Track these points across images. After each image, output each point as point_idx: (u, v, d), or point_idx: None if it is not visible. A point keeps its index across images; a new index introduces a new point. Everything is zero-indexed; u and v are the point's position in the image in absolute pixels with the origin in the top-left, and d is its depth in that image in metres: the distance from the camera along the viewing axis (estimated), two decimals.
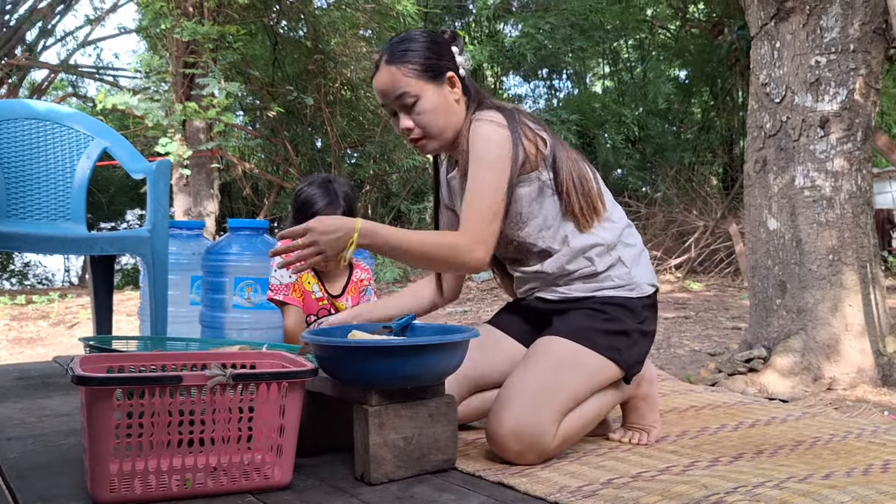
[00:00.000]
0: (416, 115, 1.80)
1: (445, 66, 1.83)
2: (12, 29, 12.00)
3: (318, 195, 2.33)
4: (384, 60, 1.82)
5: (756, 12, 3.71)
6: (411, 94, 1.78)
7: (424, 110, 1.79)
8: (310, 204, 2.32)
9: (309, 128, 12.63)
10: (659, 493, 1.39)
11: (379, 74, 1.83)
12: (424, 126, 1.81)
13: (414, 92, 1.78)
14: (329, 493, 1.44)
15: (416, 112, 1.80)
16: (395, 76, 1.79)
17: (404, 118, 1.82)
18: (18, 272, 17.62)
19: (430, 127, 1.81)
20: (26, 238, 2.57)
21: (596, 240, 1.83)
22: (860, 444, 1.85)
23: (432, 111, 1.80)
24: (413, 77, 1.78)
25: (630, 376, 1.81)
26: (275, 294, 2.34)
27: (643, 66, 15.46)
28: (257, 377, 1.41)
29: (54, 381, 2.73)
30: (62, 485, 1.48)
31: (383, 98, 1.83)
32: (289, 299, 2.33)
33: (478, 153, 1.75)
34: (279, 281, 2.35)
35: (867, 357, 3.38)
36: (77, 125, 3.12)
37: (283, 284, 2.34)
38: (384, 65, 1.81)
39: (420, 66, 1.79)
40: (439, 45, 1.85)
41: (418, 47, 1.81)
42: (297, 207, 2.36)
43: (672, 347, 4.99)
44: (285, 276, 2.34)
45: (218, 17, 9.70)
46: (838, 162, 3.46)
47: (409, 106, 1.80)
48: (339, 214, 2.31)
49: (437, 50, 1.83)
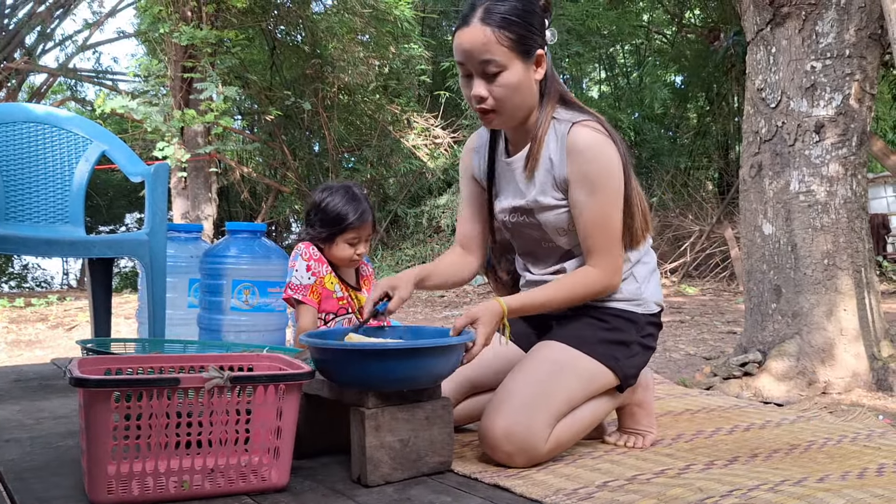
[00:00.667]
0: (496, 87, 1.67)
1: (538, 41, 1.69)
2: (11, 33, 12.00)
3: (348, 205, 2.37)
4: (478, 17, 1.64)
5: (752, 18, 3.72)
6: (498, 64, 1.64)
7: (506, 84, 1.67)
8: (342, 218, 2.35)
9: (307, 132, 12.64)
10: (654, 497, 1.40)
11: (468, 30, 1.65)
12: (500, 99, 1.68)
13: (502, 62, 1.64)
14: (326, 496, 1.45)
15: (497, 83, 1.67)
16: (487, 39, 1.63)
17: (480, 85, 1.68)
18: (17, 275, 17.62)
19: (506, 103, 1.69)
20: (25, 241, 2.58)
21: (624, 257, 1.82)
22: (855, 447, 1.86)
23: (514, 87, 1.67)
24: (506, 46, 1.63)
25: (625, 386, 1.82)
26: (294, 293, 2.35)
27: (639, 71, 15.51)
28: (254, 379, 1.41)
29: (52, 383, 2.74)
30: (60, 486, 1.48)
31: (463, 56, 1.67)
32: (306, 300, 2.35)
33: (594, 176, 1.69)
34: (300, 281, 2.36)
35: (862, 361, 3.40)
36: (75, 128, 3.13)
37: (302, 285, 2.36)
38: (478, 22, 1.64)
39: (516, 36, 1.64)
40: (536, 16, 1.69)
41: (519, 13, 1.65)
42: (327, 221, 2.37)
43: (667, 351, 5.00)
44: (305, 277, 2.36)
45: (216, 21, 9.73)
46: (833, 167, 3.47)
47: (490, 74, 1.66)
48: (369, 222, 2.36)
49: (533, 21, 1.68)
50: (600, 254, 1.73)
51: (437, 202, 11.54)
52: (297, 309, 2.36)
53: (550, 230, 1.81)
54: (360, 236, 2.37)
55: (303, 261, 2.37)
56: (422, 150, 11.42)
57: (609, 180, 1.70)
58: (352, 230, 2.35)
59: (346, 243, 2.37)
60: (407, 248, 11.39)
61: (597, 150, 1.69)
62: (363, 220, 2.36)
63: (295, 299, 2.35)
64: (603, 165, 1.69)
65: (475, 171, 1.98)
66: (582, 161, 1.69)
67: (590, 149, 1.69)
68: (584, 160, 1.69)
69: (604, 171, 1.70)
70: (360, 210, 2.36)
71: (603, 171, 1.70)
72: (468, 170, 2.00)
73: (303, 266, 2.37)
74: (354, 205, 2.37)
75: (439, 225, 11.43)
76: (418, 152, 11.40)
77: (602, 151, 1.69)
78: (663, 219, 11.26)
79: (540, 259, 1.91)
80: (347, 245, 2.37)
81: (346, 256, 2.38)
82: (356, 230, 2.35)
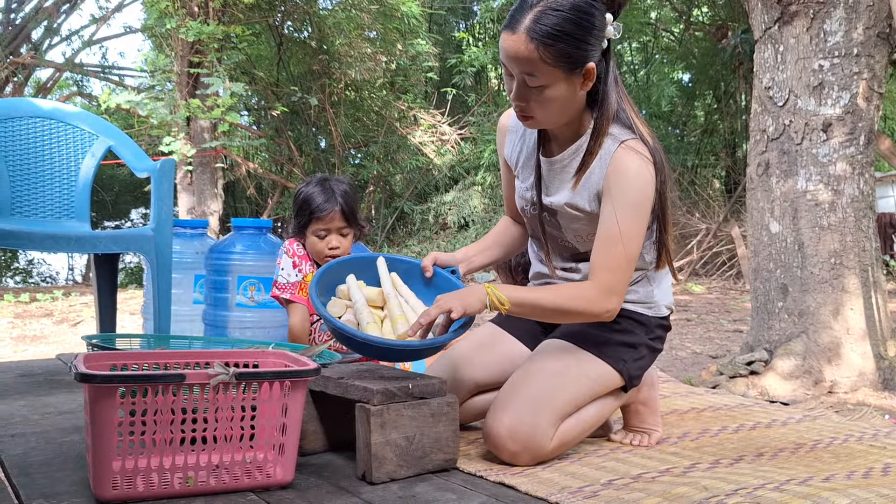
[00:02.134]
0: (536, 99, 1.61)
1: (589, 53, 1.59)
2: (18, 27, 12.03)
3: (315, 192, 2.32)
4: (525, 27, 1.54)
5: (760, 16, 3.71)
6: (540, 80, 1.58)
7: (548, 99, 1.61)
8: (308, 202, 2.31)
9: (313, 128, 12.65)
10: (660, 495, 1.40)
11: (513, 38, 1.56)
12: (540, 111, 1.64)
13: (544, 80, 1.58)
14: (331, 493, 1.45)
15: (538, 97, 1.61)
16: (530, 54, 1.54)
17: (519, 93, 1.62)
18: (23, 270, 17.68)
19: (546, 115, 1.65)
20: (30, 236, 2.58)
21: (642, 264, 1.81)
22: (861, 447, 1.85)
23: (555, 102, 1.62)
24: (550, 64, 1.55)
25: (630, 387, 1.81)
26: (281, 292, 2.33)
27: (647, 69, 15.47)
28: (260, 376, 1.41)
29: (57, 378, 2.74)
30: (65, 481, 1.48)
31: (505, 60, 1.60)
32: (295, 298, 2.32)
33: (627, 193, 1.63)
34: (286, 280, 2.34)
35: (868, 361, 3.38)
36: (81, 124, 3.14)
37: (289, 283, 2.34)
38: (523, 32, 1.54)
39: (563, 53, 1.55)
40: (591, 27, 1.57)
41: (570, 27, 1.53)
42: (296, 207, 2.36)
43: (673, 349, 4.99)
44: (293, 275, 2.34)
45: (223, 17, 9.73)
46: (841, 166, 3.46)
47: (531, 87, 1.60)
48: (336, 211, 2.29)
49: (586, 34, 1.57)
50: (600, 272, 1.66)
51: (443, 199, 11.54)
52: (287, 308, 2.33)
53: (569, 233, 1.81)
54: (329, 228, 2.30)
55: (288, 258, 2.35)
56: (428, 147, 11.42)
57: (643, 206, 1.65)
58: (318, 220, 2.29)
59: (315, 235, 2.31)
60: (413, 244, 11.40)
61: (637, 173, 1.64)
62: (326, 209, 2.28)
63: (283, 298, 2.33)
64: (642, 190, 1.64)
65: (507, 153, 1.93)
66: (624, 181, 1.64)
67: (635, 172, 1.64)
68: (625, 179, 1.64)
69: (642, 196, 1.65)
70: (326, 198, 2.29)
71: (641, 196, 1.64)
72: (501, 150, 1.96)
73: (289, 263, 2.35)
74: (323, 193, 2.30)
75: (445, 222, 11.43)
76: (425, 149, 11.40)
77: (642, 175, 1.64)
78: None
79: (552, 251, 1.89)
80: (317, 238, 2.31)
81: (318, 251, 2.32)
82: (322, 221, 2.29)
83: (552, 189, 1.81)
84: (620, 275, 1.66)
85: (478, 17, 13.92)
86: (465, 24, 14.62)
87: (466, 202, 11.17)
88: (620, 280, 1.67)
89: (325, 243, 2.30)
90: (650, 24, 14.74)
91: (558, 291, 1.70)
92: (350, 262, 1.86)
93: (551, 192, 1.81)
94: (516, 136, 1.90)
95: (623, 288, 1.68)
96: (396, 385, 1.54)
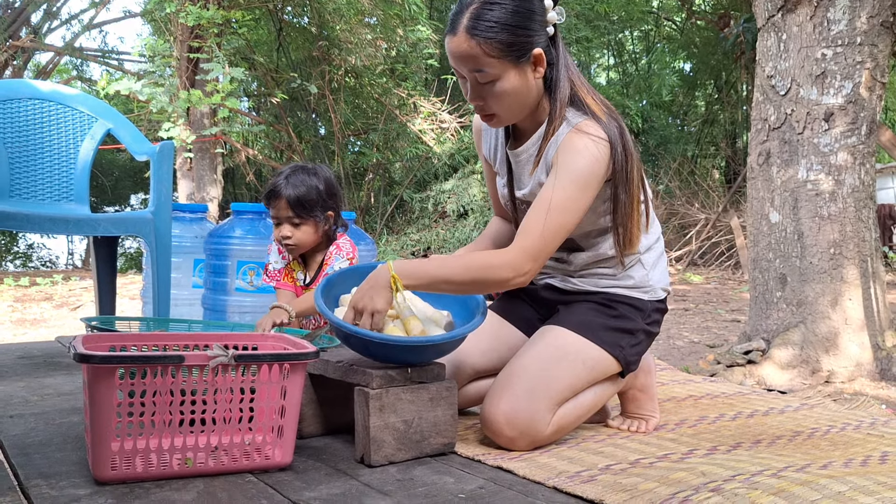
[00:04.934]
0: (491, 95, 1.63)
1: (533, 39, 1.61)
2: (17, 10, 11.98)
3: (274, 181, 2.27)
4: (463, 27, 1.57)
5: (763, 4, 3.69)
6: (490, 75, 1.60)
7: (501, 92, 1.62)
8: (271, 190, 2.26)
9: (313, 114, 12.63)
10: (657, 480, 1.40)
11: (455, 39, 1.59)
12: (498, 106, 1.65)
13: (494, 73, 1.59)
14: (329, 475, 1.45)
15: (491, 92, 1.63)
16: (473, 51, 1.57)
17: (474, 92, 1.64)
18: (22, 254, 17.69)
19: (503, 108, 1.66)
20: (29, 218, 2.58)
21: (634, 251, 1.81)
22: (858, 435, 1.85)
23: (510, 94, 1.63)
24: (496, 57, 1.57)
25: (626, 373, 1.82)
26: (270, 279, 2.36)
27: (648, 57, 15.44)
28: (259, 358, 1.41)
29: (57, 360, 2.74)
30: (64, 462, 1.49)
31: (454, 63, 1.63)
32: (282, 285, 2.35)
33: (570, 167, 1.61)
34: (273, 266, 2.37)
35: (866, 351, 3.39)
36: (81, 106, 3.13)
37: (276, 270, 2.37)
38: (463, 32, 1.57)
39: (507, 44, 1.57)
40: (529, 10, 1.60)
41: (509, 17, 1.56)
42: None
43: (671, 339, 4.99)
44: (279, 262, 2.36)
45: (223, 1, 9.69)
46: (842, 156, 3.46)
47: (483, 84, 1.62)
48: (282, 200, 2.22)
49: (528, 21, 1.59)
50: (531, 236, 1.60)
51: (442, 187, 11.53)
52: (276, 294, 2.36)
53: None
54: (278, 216, 2.24)
55: (275, 245, 2.36)
56: (428, 135, 11.39)
57: (586, 183, 1.61)
58: (271, 207, 2.25)
59: (273, 223, 2.28)
60: (412, 232, 11.39)
61: (583, 151, 1.62)
62: (270, 198, 2.24)
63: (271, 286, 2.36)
64: (584, 165, 1.61)
65: (486, 153, 1.96)
66: (567, 157, 1.63)
67: (576, 148, 1.62)
68: (570, 156, 1.62)
69: (582, 170, 1.61)
70: (276, 182, 2.24)
71: (582, 171, 1.61)
72: (480, 150, 1.99)
73: (275, 250, 2.38)
74: (278, 182, 2.24)
75: (445, 210, 11.42)
76: (424, 137, 11.38)
77: (588, 151, 1.61)
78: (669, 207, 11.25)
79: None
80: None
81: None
82: (273, 207, 2.25)
83: (523, 182, 1.82)
84: (545, 243, 1.60)
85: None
86: None
87: (466, 191, 11.17)
88: (544, 248, 1.60)
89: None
90: (652, 13, 14.69)
91: (471, 263, 1.62)
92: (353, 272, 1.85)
93: (522, 185, 1.83)
94: (490, 134, 1.92)
95: (545, 256, 1.62)
96: (395, 369, 1.54)
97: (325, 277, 1.80)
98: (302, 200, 2.21)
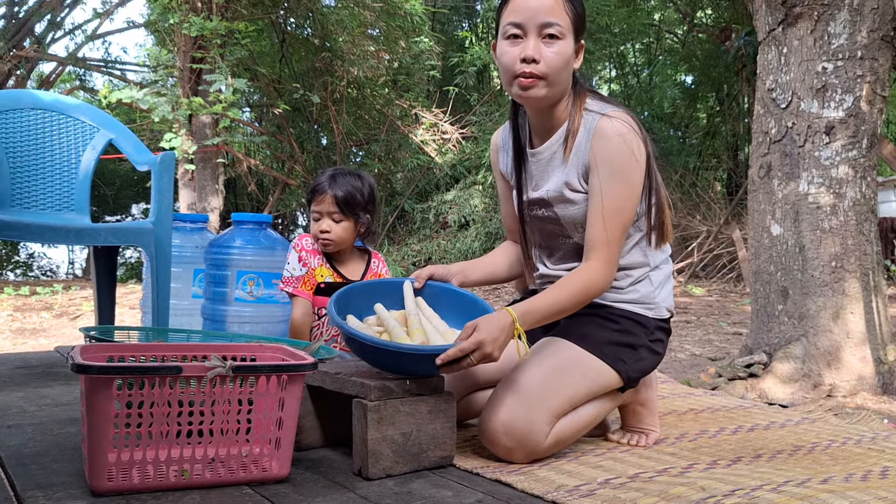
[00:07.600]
0: (551, 52, 1.65)
1: (584, 29, 1.74)
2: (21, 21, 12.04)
3: (321, 177, 2.41)
4: None
5: (764, 17, 3.70)
6: (560, 30, 1.65)
7: (560, 52, 1.66)
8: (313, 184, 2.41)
9: (315, 125, 12.65)
10: (657, 494, 1.39)
11: None
12: (551, 66, 1.66)
13: (562, 31, 1.65)
14: (326, 487, 1.44)
15: (553, 49, 1.65)
16: (557, 4, 1.65)
17: (536, 46, 1.65)
18: (23, 263, 17.70)
19: (554, 71, 1.67)
20: (30, 227, 2.58)
21: (644, 260, 1.82)
22: (859, 450, 1.85)
23: (564, 59, 1.67)
24: (570, 18, 1.67)
25: (627, 388, 1.81)
26: (286, 286, 2.37)
27: (649, 70, 15.47)
28: (257, 369, 1.41)
29: (55, 370, 2.74)
30: (61, 473, 1.48)
31: (525, 15, 1.66)
32: (298, 292, 2.36)
33: (612, 162, 1.67)
34: (291, 273, 2.37)
35: (868, 365, 3.38)
36: (83, 116, 3.13)
37: (293, 277, 2.37)
38: None
39: (579, 16, 1.69)
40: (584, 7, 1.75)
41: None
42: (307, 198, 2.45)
43: (672, 351, 4.98)
44: (297, 269, 2.37)
45: (226, 13, 9.73)
46: (843, 169, 3.45)
47: (548, 36, 1.65)
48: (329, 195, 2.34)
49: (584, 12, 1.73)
50: (603, 246, 1.69)
51: (444, 198, 11.53)
52: (291, 301, 2.38)
53: (567, 224, 1.80)
54: (321, 211, 2.37)
55: (295, 252, 2.41)
56: (430, 146, 11.41)
57: (630, 171, 1.68)
58: (314, 202, 2.38)
59: (313, 217, 2.39)
60: (413, 243, 11.39)
61: (624, 139, 1.67)
62: (319, 192, 2.37)
63: (286, 292, 2.38)
64: (627, 155, 1.67)
65: (502, 168, 1.98)
66: (608, 147, 1.68)
67: (617, 136, 1.67)
68: (611, 146, 1.68)
69: (627, 160, 1.67)
70: (324, 182, 2.38)
71: (626, 161, 1.67)
72: (496, 167, 2.01)
73: (294, 258, 2.41)
74: (326, 179, 2.39)
75: (446, 220, 11.42)
76: (426, 147, 11.39)
77: (629, 141, 1.67)
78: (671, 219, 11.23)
79: (555, 253, 1.90)
80: (314, 220, 2.39)
81: (313, 232, 2.40)
82: (317, 202, 2.37)
83: (542, 181, 1.83)
84: (616, 246, 1.71)
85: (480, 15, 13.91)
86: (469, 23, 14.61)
87: (467, 201, 11.17)
88: (617, 251, 1.72)
89: (317, 225, 2.38)
90: (653, 26, 14.73)
91: (566, 289, 1.69)
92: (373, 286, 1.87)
93: (541, 184, 1.83)
94: (506, 150, 1.96)
95: (619, 256, 1.74)
96: (394, 381, 1.54)
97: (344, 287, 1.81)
98: (348, 198, 2.36)
